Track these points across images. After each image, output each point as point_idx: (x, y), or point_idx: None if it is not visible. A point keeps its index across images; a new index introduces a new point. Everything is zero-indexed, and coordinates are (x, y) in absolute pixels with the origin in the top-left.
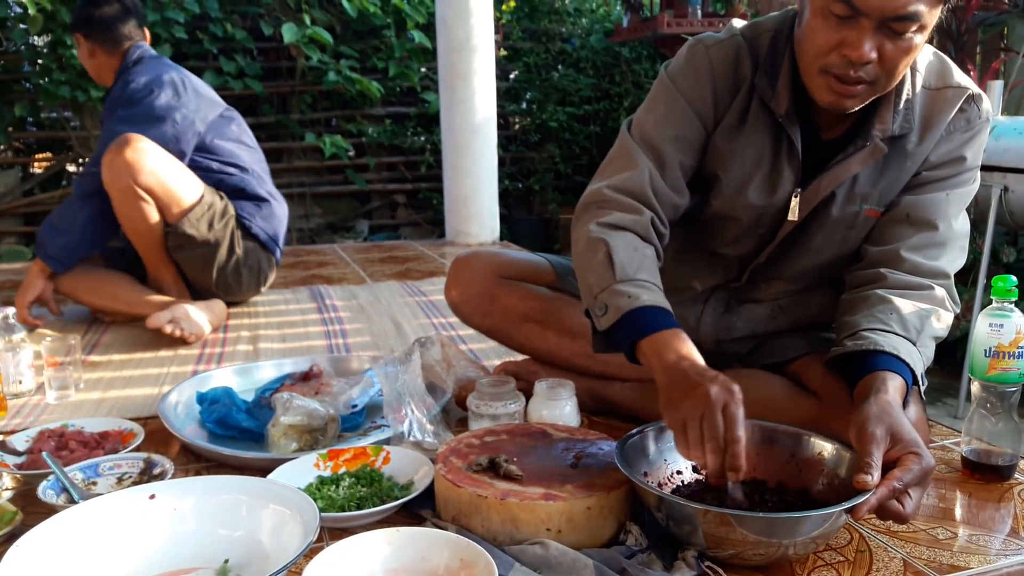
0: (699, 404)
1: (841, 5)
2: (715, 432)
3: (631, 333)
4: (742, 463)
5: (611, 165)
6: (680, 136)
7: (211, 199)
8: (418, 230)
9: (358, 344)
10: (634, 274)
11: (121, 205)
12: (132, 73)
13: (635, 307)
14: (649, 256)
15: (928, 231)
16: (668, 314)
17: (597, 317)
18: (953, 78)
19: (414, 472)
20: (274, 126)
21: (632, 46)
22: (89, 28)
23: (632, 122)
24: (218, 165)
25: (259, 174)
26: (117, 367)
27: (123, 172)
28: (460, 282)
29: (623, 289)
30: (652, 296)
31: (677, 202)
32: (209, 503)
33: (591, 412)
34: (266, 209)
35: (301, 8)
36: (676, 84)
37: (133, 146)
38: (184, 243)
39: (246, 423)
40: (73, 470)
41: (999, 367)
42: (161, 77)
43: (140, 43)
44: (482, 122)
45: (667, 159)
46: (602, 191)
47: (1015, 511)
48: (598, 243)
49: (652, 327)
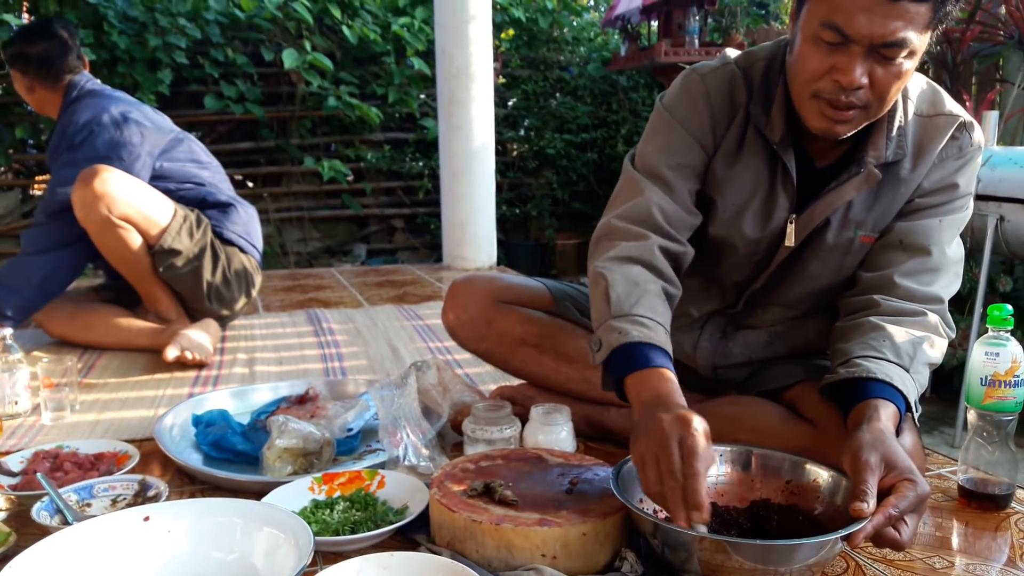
0: (654, 439)
1: (831, 32)
2: (670, 466)
3: (618, 369)
4: (701, 499)
5: (618, 198)
6: (683, 164)
7: (183, 212)
8: (415, 254)
9: (354, 367)
10: (629, 309)
11: (101, 238)
12: (73, 111)
13: (623, 343)
14: (651, 291)
15: (921, 257)
16: (657, 350)
17: (593, 352)
18: (945, 106)
19: (409, 496)
20: (274, 150)
21: (629, 75)
22: (26, 64)
23: (634, 156)
24: (175, 186)
25: (216, 184)
26: (113, 389)
27: (96, 205)
28: (457, 306)
29: (615, 325)
30: (643, 332)
31: (691, 222)
32: (203, 526)
33: (587, 438)
34: (232, 213)
35: (302, 34)
36: (673, 114)
37: (100, 177)
38: (171, 261)
39: (241, 446)
40: (67, 491)
41: (995, 396)
42: (101, 117)
43: (80, 74)
44: (480, 148)
45: (673, 184)
46: (610, 222)
47: (1012, 540)
48: (599, 278)
49: (637, 364)
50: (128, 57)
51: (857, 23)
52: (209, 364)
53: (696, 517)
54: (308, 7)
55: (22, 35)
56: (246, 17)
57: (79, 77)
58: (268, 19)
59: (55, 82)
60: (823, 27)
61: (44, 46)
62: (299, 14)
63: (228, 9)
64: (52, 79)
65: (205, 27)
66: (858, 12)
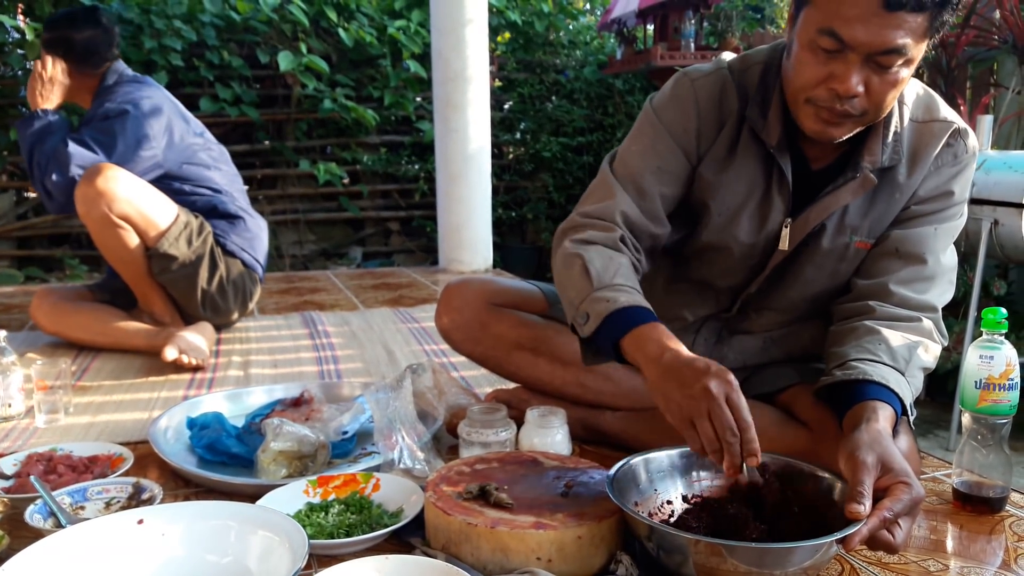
0: (702, 400)
1: (829, 39)
2: (727, 424)
3: (612, 333)
4: (757, 447)
5: (590, 197)
6: (662, 168)
7: (186, 218)
8: (411, 257)
9: (349, 370)
10: (611, 280)
11: (100, 235)
12: (113, 92)
13: (614, 309)
14: (624, 264)
15: (917, 265)
16: (647, 311)
17: (580, 327)
18: (940, 112)
19: (404, 499)
20: (269, 153)
21: (626, 78)
22: (68, 50)
23: (615, 155)
24: (190, 188)
25: (232, 194)
26: (107, 391)
27: (97, 202)
28: (452, 309)
29: (601, 295)
30: (630, 297)
31: (654, 231)
32: (198, 529)
33: (582, 441)
34: (240, 226)
35: (297, 37)
36: (660, 117)
37: (104, 175)
38: (167, 265)
39: (236, 449)
40: (61, 494)
41: (990, 399)
42: (138, 102)
43: (117, 63)
44: (476, 151)
45: (647, 189)
46: (575, 218)
47: (1006, 543)
48: (573, 258)
49: (631, 323)
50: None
51: (855, 31)
52: (205, 367)
53: (752, 462)
54: (304, 9)
55: (67, 20)
56: (242, 19)
57: (116, 66)
58: (264, 21)
59: (94, 69)
60: (821, 33)
61: (90, 33)
62: (295, 16)
63: (224, 11)
64: (92, 66)
65: (201, 29)
66: (856, 20)
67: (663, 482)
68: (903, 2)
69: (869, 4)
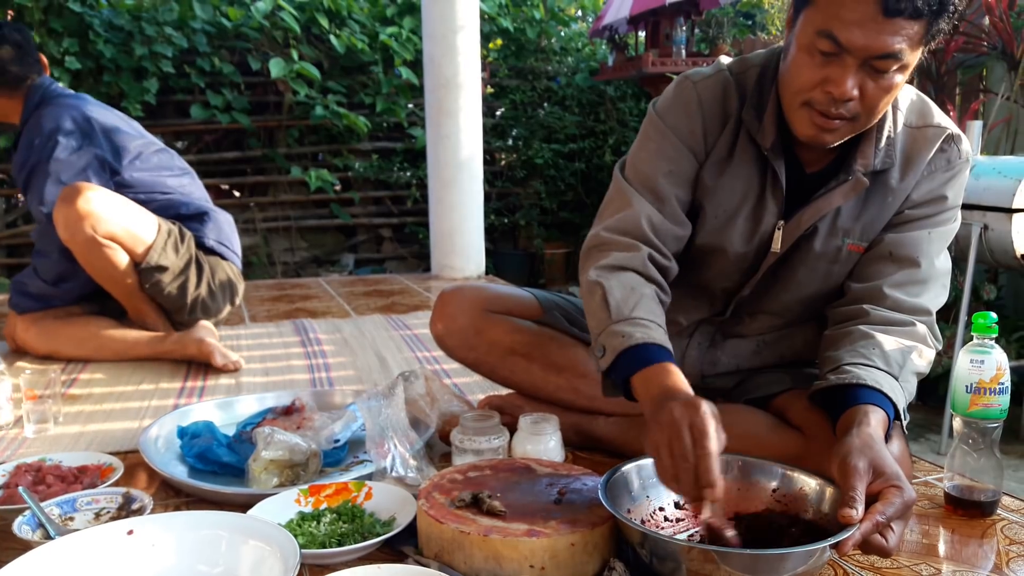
0: (664, 426)
1: (827, 42)
2: (683, 451)
3: (625, 371)
4: (713, 477)
5: (608, 208)
6: (673, 171)
7: (167, 226)
8: (403, 264)
9: (341, 378)
10: (630, 313)
11: (87, 258)
12: (38, 117)
13: (628, 346)
14: (647, 294)
15: (910, 268)
16: (662, 349)
17: (597, 359)
18: (934, 118)
19: (396, 508)
20: (261, 160)
21: (617, 85)
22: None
23: (624, 163)
24: (144, 196)
25: (188, 193)
26: (97, 400)
27: (80, 225)
28: (445, 316)
29: (618, 329)
30: (646, 333)
31: (679, 234)
32: (188, 539)
33: (575, 447)
34: (209, 222)
35: (289, 44)
36: (665, 120)
37: (84, 196)
38: (158, 278)
39: (227, 458)
40: (50, 505)
41: (980, 403)
42: (64, 124)
43: (40, 79)
44: (468, 158)
45: (663, 194)
46: (600, 234)
47: (998, 547)
48: (595, 287)
49: (642, 363)
50: (114, 66)
51: (853, 35)
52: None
53: (709, 495)
54: (295, 16)
55: None
56: (233, 26)
57: (40, 81)
58: (255, 28)
59: (14, 89)
60: (819, 36)
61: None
62: (286, 23)
63: (215, 18)
64: (9, 86)
65: (192, 36)
66: (855, 25)
67: (656, 489)
68: (901, 9)
69: (868, 9)
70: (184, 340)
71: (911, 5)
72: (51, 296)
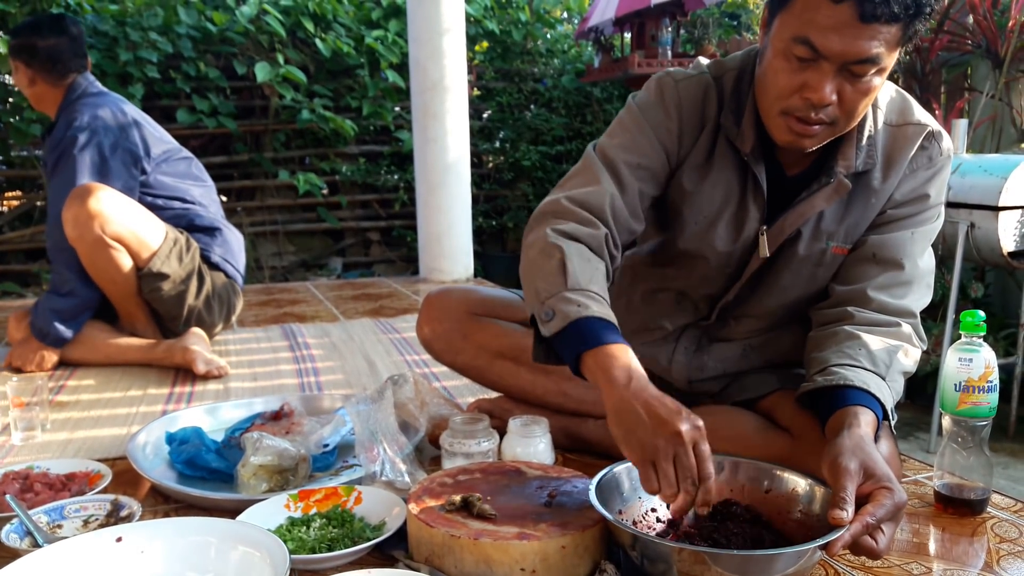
0: (671, 443)
1: (803, 47)
2: (689, 474)
3: (577, 343)
4: (711, 498)
5: (573, 179)
6: (642, 165)
7: (174, 234)
8: (392, 267)
9: (330, 382)
10: (586, 284)
11: (91, 257)
12: (74, 110)
13: (583, 316)
14: (600, 270)
15: (894, 270)
16: (615, 328)
17: (543, 322)
18: (914, 115)
19: (386, 512)
20: (247, 164)
21: (603, 86)
22: (32, 57)
23: (596, 145)
24: (163, 201)
25: (206, 205)
26: (85, 407)
27: (90, 224)
28: (432, 319)
29: (573, 297)
30: (601, 309)
31: (633, 227)
32: (177, 545)
33: (565, 450)
34: (219, 238)
35: (274, 48)
36: (644, 114)
37: (95, 195)
38: (158, 285)
39: (216, 463)
40: (37, 513)
41: (969, 401)
42: (102, 118)
43: (84, 75)
44: (455, 160)
45: (627, 183)
46: (560, 201)
47: (988, 545)
48: (553, 249)
49: (599, 339)
50: (99, 71)
51: (829, 41)
52: (226, 372)
53: (702, 511)
54: (281, 20)
55: (32, 27)
56: (218, 31)
57: (82, 77)
58: (240, 33)
59: (59, 79)
60: (795, 42)
61: (54, 41)
62: (272, 27)
63: (200, 23)
64: (57, 75)
65: (177, 41)
66: (831, 30)
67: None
68: (878, 14)
69: (844, 15)
70: (172, 348)
71: (888, 10)
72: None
